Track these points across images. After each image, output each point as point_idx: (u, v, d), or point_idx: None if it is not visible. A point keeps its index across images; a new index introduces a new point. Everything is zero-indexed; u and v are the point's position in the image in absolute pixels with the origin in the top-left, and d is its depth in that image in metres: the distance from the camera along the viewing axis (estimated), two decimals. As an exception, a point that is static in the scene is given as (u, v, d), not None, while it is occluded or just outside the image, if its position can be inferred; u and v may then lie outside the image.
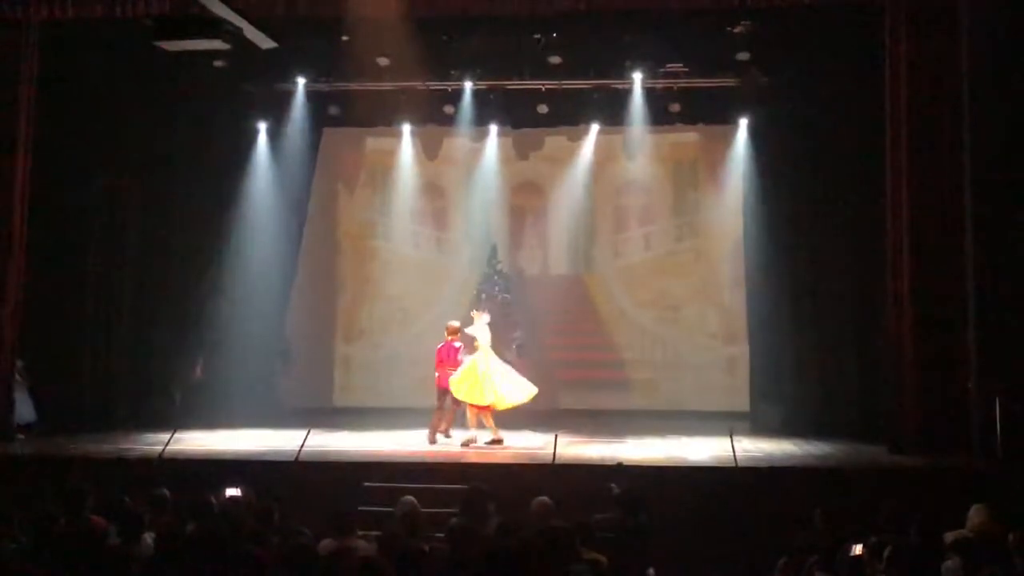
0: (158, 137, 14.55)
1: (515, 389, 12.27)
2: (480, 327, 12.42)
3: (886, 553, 5.94)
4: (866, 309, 13.12)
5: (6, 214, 12.24)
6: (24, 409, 12.56)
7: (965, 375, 10.99)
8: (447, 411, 12.51)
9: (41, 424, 12.76)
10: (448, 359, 12.41)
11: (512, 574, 5.19)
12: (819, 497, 8.11)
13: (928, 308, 11.30)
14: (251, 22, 11.20)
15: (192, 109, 14.79)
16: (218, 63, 13.94)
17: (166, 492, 7.52)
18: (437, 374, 12.47)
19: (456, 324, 12.64)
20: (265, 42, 11.79)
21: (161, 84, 14.04)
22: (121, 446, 11.84)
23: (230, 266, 15.19)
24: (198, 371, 14.10)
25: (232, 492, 7.60)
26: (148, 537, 6.45)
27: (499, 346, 15.25)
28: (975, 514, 6.90)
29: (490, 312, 15.36)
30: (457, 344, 12.49)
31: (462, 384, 12.16)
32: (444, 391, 12.35)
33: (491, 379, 12.15)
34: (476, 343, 12.37)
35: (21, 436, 12.24)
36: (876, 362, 12.62)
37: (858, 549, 6.11)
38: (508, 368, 12.51)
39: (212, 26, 10.61)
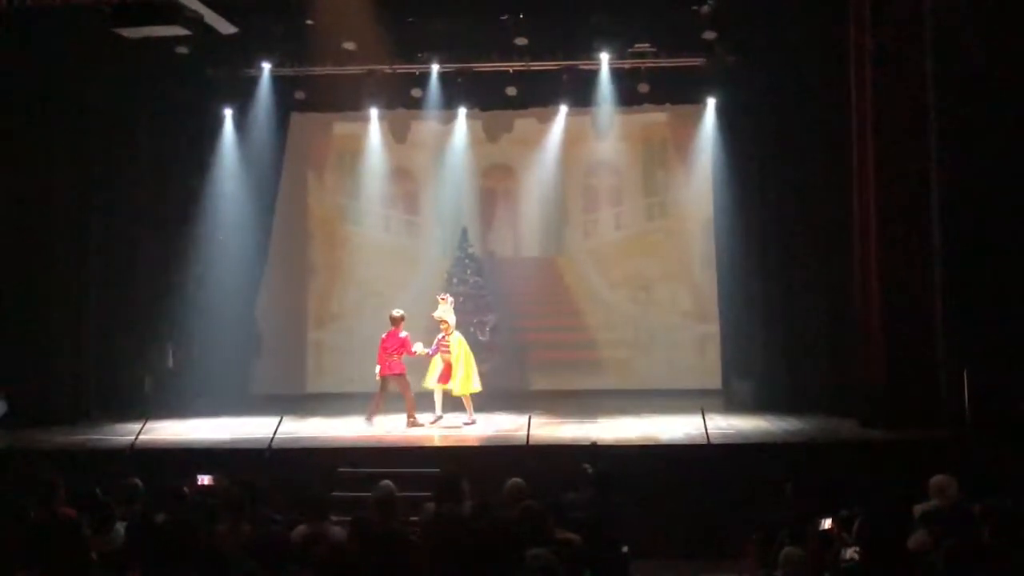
0: (122, 124, 14.38)
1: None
2: (448, 311, 12.43)
3: (855, 526, 6.02)
4: (835, 285, 13.19)
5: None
6: (-7, 402, 12.46)
7: (933, 348, 11.09)
8: (409, 396, 12.48)
9: (11, 416, 12.64)
10: (395, 347, 12.39)
11: (486, 555, 5.21)
12: (790, 472, 8.20)
13: (896, 283, 11.39)
14: (212, 7, 11.10)
15: (156, 96, 14.63)
16: (180, 49, 13.79)
17: (138, 482, 7.49)
18: (380, 366, 12.42)
19: (401, 312, 12.65)
20: (226, 27, 11.70)
21: (124, 72, 13.87)
22: (92, 437, 11.78)
23: (199, 253, 15.07)
24: (169, 360, 13.97)
25: (204, 480, 7.59)
26: (120, 527, 6.43)
27: (472, 329, 15.37)
28: (938, 484, 6.97)
29: (463, 296, 15.48)
30: (403, 334, 12.50)
31: (468, 380, 12.27)
32: (391, 378, 12.37)
33: (472, 363, 12.34)
34: (445, 327, 12.35)
35: (-9, 429, 12.13)
36: (846, 337, 12.71)
37: (827, 523, 6.19)
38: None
39: (171, 12, 10.50)
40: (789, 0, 12.79)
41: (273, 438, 10.58)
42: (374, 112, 16.28)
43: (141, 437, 10.82)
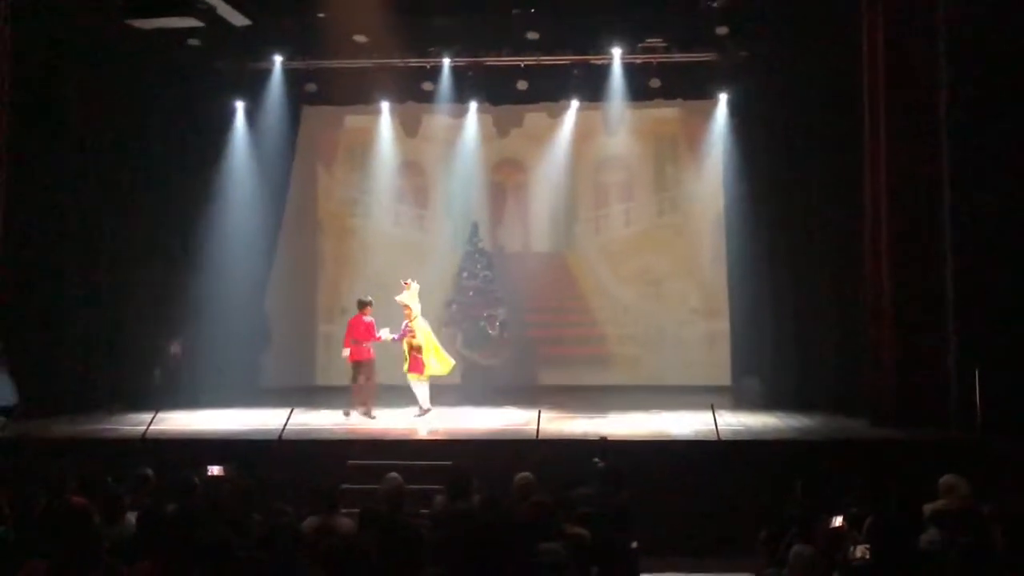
0: (134, 116, 14.40)
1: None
2: (412, 296, 12.52)
3: (866, 524, 6.00)
4: (846, 283, 13.16)
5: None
6: (4, 392, 12.48)
7: (944, 347, 11.05)
8: (370, 385, 12.62)
9: (22, 406, 12.67)
10: (362, 333, 12.49)
11: (495, 549, 5.21)
12: (800, 470, 8.18)
13: (907, 281, 11.36)
14: (225, -1, 11.13)
15: (168, 88, 14.65)
16: (192, 41, 13.82)
17: (148, 472, 7.51)
18: (348, 349, 12.55)
19: (369, 298, 12.78)
20: (238, 19, 11.73)
21: (135, 64, 13.90)
22: (102, 427, 11.82)
23: (210, 245, 15.09)
24: (178, 352, 13.98)
25: (215, 470, 7.60)
26: (131, 517, 6.45)
27: (482, 323, 15.39)
28: (948, 483, 6.95)
29: (472, 290, 15.49)
30: (368, 318, 12.59)
31: (442, 360, 12.41)
32: (358, 364, 12.49)
33: (437, 343, 12.53)
34: (408, 312, 12.45)
35: (2, 418, 12.16)
36: (856, 335, 12.68)
37: (838, 521, 6.18)
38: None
39: (184, 3, 10.52)
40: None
41: (283, 430, 10.60)
42: (385, 105, 16.29)
43: (152, 428, 10.85)
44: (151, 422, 10.98)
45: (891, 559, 5.36)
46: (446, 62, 15.05)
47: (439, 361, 12.52)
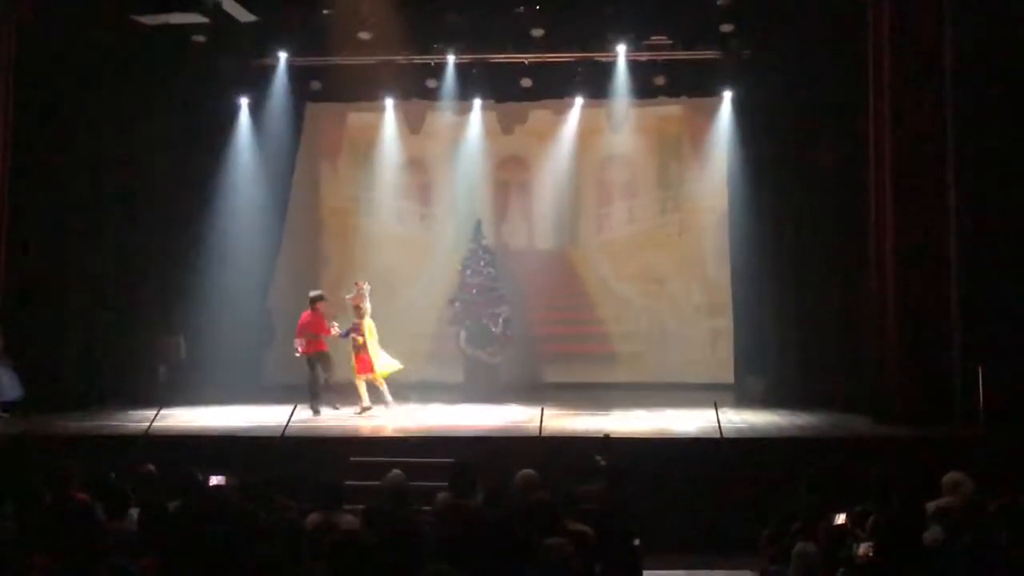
0: (138, 113, 14.41)
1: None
2: (364, 297, 12.77)
3: (869, 522, 5.99)
4: (849, 280, 13.16)
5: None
6: (9, 387, 12.51)
7: (948, 344, 11.04)
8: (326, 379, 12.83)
9: (26, 402, 12.70)
10: (316, 327, 12.70)
11: (498, 546, 5.21)
12: (803, 467, 8.16)
13: (910, 279, 11.35)
14: (231, -5, 11.14)
15: (173, 85, 14.66)
16: (197, 38, 13.82)
17: (152, 468, 7.52)
18: (302, 342, 12.71)
19: (321, 293, 13.01)
20: (244, 15, 11.74)
21: (141, 60, 13.91)
22: (106, 423, 11.83)
23: (213, 242, 15.10)
24: (182, 348, 13.98)
25: (216, 480, 7.55)
26: (133, 513, 6.46)
27: (485, 320, 15.38)
28: (952, 480, 6.95)
29: (476, 287, 15.49)
30: (321, 313, 12.80)
31: (379, 360, 12.71)
32: (314, 356, 12.72)
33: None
34: (360, 311, 12.70)
35: (5, 414, 12.19)
36: (860, 333, 12.68)
37: (841, 518, 6.17)
38: None
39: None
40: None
41: (287, 427, 10.61)
42: (389, 103, 16.28)
43: (155, 424, 10.86)
44: (154, 419, 10.99)
45: (895, 557, 5.35)
46: (450, 59, 15.04)
47: (386, 362, 12.87)
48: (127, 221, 14.54)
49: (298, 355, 12.84)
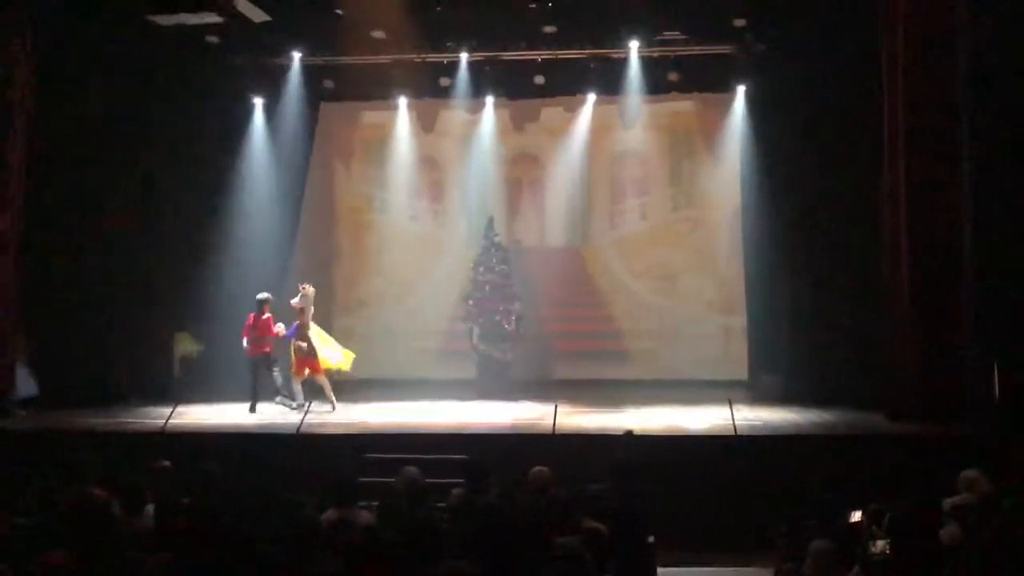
0: (154, 113, 14.47)
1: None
2: (307, 300, 12.97)
3: (885, 519, 5.98)
4: (864, 277, 13.12)
5: (3, 194, 12.22)
6: (25, 383, 12.59)
7: (963, 342, 10.99)
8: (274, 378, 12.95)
9: (42, 398, 12.78)
10: (262, 329, 12.85)
11: (512, 543, 5.22)
12: (818, 464, 8.16)
13: (925, 275, 11.30)
14: (244, -5, 11.17)
15: (187, 85, 14.72)
16: (211, 39, 13.87)
17: (167, 464, 7.55)
18: (248, 343, 12.87)
19: (267, 295, 13.15)
20: (258, 15, 11.77)
21: (154, 61, 13.96)
22: (122, 420, 11.89)
23: (228, 239, 15.16)
24: (196, 345, 14.04)
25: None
26: (150, 509, 6.49)
27: (497, 318, 15.38)
28: (968, 478, 6.93)
29: (488, 284, 15.48)
30: (267, 315, 12.94)
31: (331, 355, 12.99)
32: (261, 358, 12.89)
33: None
34: (302, 314, 12.89)
35: (22, 412, 12.26)
36: (875, 329, 12.63)
37: (856, 516, 6.16)
38: None
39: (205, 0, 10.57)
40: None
41: (301, 423, 10.64)
42: (402, 101, 16.32)
43: (171, 421, 10.91)
44: (171, 415, 11.05)
45: (911, 554, 5.34)
46: (463, 57, 15.06)
47: (344, 355, 13.16)
48: (142, 219, 14.60)
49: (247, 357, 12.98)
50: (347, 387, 14.07)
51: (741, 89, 15.26)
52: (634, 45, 14.69)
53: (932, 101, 11.22)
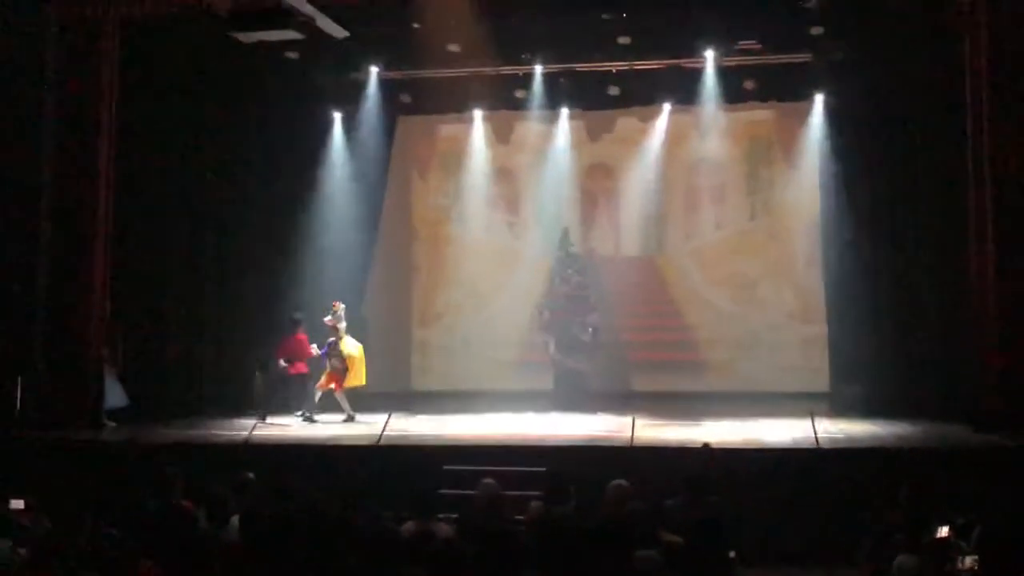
0: (236, 129, 14.81)
1: None
2: (339, 317, 13.33)
3: (973, 534, 5.85)
4: (948, 287, 12.85)
5: (92, 207, 12.60)
6: (114, 395, 12.92)
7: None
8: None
9: (131, 410, 13.09)
10: (295, 347, 13.24)
11: (591, 556, 5.22)
12: (903, 478, 7.99)
13: (1012, 287, 11.06)
14: (323, 12, 11.35)
15: (268, 100, 15.03)
16: (290, 54, 14.15)
17: (251, 476, 7.69)
18: (285, 362, 13.22)
19: (301, 314, 13.49)
20: (338, 32, 11.97)
21: (236, 77, 14.28)
22: (208, 432, 12.13)
23: (309, 253, 15.40)
24: (280, 361, 14.27)
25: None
26: (235, 520, 6.61)
27: (574, 329, 15.37)
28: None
29: (564, 295, 15.48)
30: (301, 334, 13.31)
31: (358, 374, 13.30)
32: (296, 377, 13.29)
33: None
34: (336, 330, 13.25)
35: (112, 423, 12.58)
36: (958, 339, 12.36)
37: (944, 530, 6.03)
38: None
39: (285, 17, 10.78)
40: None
41: (382, 435, 10.76)
42: (478, 114, 16.44)
43: (254, 432, 11.11)
44: (253, 427, 11.25)
45: (1000, 570, 5.21)
46: (538, 69, 15.14)
47: (355, 375, 13.34)
48: (224, 233, 14.93)
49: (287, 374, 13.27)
50: (425, 399, 14.20)
51: (819, 98, 15.06)
52: (710, 55, 14.61)
53: (1018, 112, 10.96)
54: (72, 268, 12.54)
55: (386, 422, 10.97)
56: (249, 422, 11.59)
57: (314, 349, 13.31)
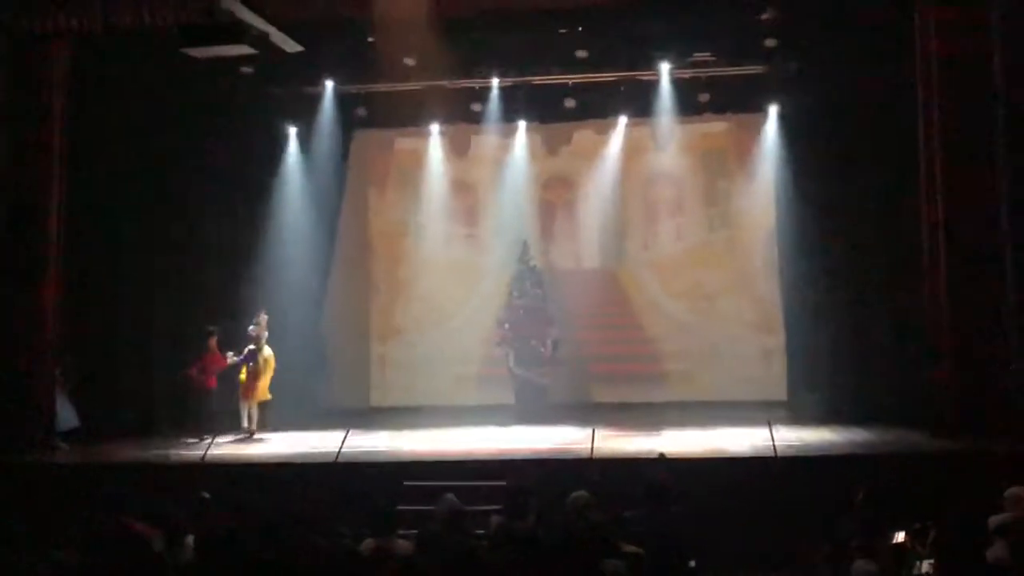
0: (190, 144, 14.66)
1: None
2: (262, 327, 13.43)
3: (930, 539, 5.90)
4: (903, 294, 12.98)
5: (42, 224, 12.42)
6: (66, 415, 12.72)
7: (1005, 356, 10.85)
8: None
9: (83, 431, 12.89)
10: (210, 360, 13.21)
11: (553, 569, 5.20)
12: (860, 484, 8.04)
13: (965, 291, 11.18)
14: (277, 27, 11.28)
15: (222, 115, 14.90)
16: (245, 69, 14.07)
17: (206, 495, 7.59)
18: (198, 374, 13.19)
19: (215, 327, 13.46)
20: (291, 46, 11.89)
21: (191, 92, 14.16)
22: (161, 452, 11.97)
23: (265, 270, 15.26)
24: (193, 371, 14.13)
25: None
26: (190, 541, 6.52)
27: (533, 342, 15.36)
28: (1015, 496, 6.81)
29: (523, 308, 15.48)
30: (214, 347, 13.28)
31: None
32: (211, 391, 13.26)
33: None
34: (259, 340, 13.33)
35: (64, 445, 12.37)
36: (914, 347, 12.49)
37: (900, 536, 6.08)
38: None
39: (238, 32, 10.70)
40: (852, 5, 12.62)
41: (340, 451, 10.66)
42: (435, 127, 16.41)
43: (209, 452, 10.97)
44: (209, 446, 11.11)
45: (956, 574, 5.25)
46: (494, 82, 15.15)
47: (262, 389, 13.48)
48: (179, 250, 14.76)
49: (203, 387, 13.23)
50: (385, 415, 14.12)
51: (774, 109, 15.22)
52: (665, 67, 14.69)
53: (969, 121, 11.13)
54: (23, 288, 12.34)
55: (343, 439, 10.87)
56: (203, 442, 11.44)
57: (230, 357, 13.25)
